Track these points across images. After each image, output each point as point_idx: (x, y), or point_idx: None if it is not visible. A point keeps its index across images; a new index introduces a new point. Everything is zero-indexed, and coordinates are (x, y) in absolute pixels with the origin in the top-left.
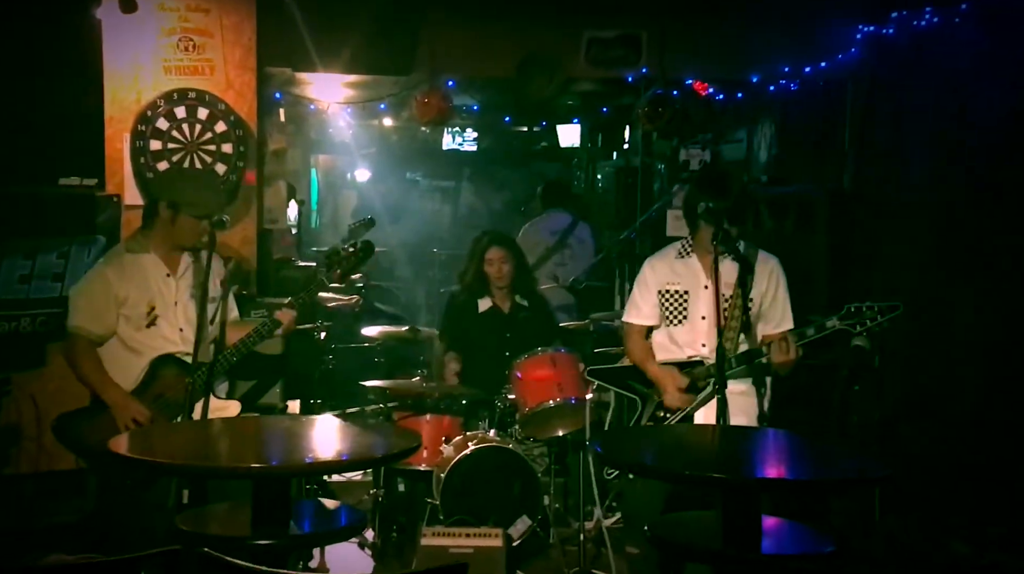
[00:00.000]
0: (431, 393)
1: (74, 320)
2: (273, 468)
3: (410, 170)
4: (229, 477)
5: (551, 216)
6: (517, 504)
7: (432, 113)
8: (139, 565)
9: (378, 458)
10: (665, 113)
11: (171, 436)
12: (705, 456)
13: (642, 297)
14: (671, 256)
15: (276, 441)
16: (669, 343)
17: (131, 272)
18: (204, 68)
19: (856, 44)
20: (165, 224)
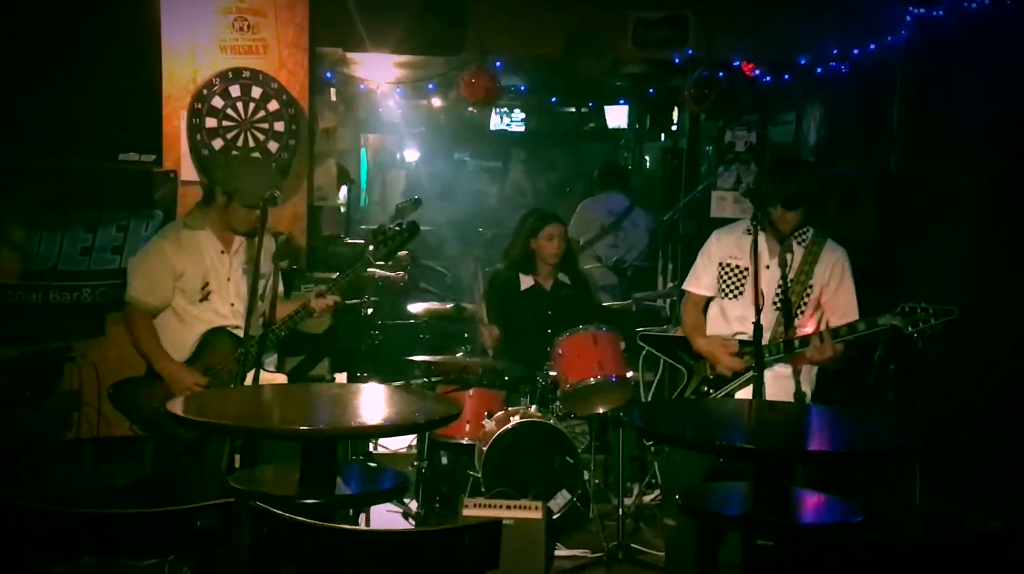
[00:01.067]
0: (474, 368)
1: (132, 291)
2: (321, 430)
3: (458, 150)
4: (279, 437)
5: (609, 196)
6: (557, 478)
7: (480, 93)
8: (196, 515)
9: (421, 424)
10: (711, 95)
11: (224, 400)
12: (737, 427)
13: (703, 267)
14: (739, 231)
15: (324, 406)
16: (720, 317)
17: (188, 247)
18: (258, 47)
19: (906, 26)
20: (220, 208)
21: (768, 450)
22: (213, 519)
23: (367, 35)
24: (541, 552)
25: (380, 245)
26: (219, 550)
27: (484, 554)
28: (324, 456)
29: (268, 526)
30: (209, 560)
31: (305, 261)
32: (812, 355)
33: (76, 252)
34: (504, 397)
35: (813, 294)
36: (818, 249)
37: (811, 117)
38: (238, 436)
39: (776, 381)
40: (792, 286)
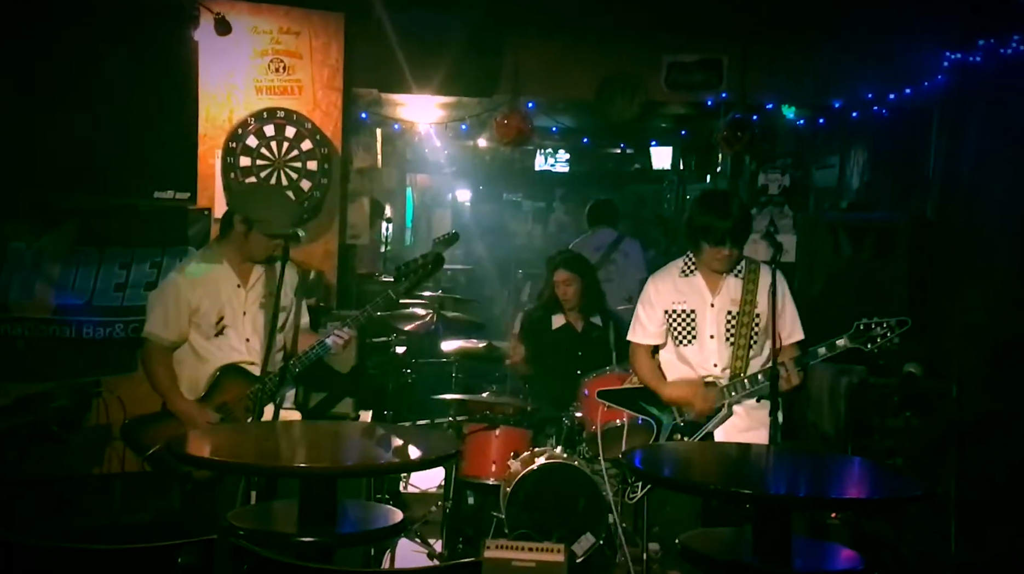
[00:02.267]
0: (502, 408)
1: (149, 326)
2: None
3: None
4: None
5: (596, 234)
6: (581, 521)
7: (512, 134)
8: (177, 552)
9: (415, 463)
10: (744, 137)
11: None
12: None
13: (647, 316)
14: (674, 274)
15: (325, 444)
16: (679, 363)
17: (203, 281)
18: (293, 88)
19: (942, 71)
20: (239, 237)
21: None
22: (195, 556)
23: (402, 76)
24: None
25: (402, 278)
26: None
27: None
28: (323, 494)
29: (248, 564)
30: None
31: (336, 299)
32: (781, 386)
33: (110, 288)
34: (531, 437)
35: (761, 322)
36: (755, 277)
37: (854, 161)
38: (229, 473)
39: (749, 414)
40: (740, 318)
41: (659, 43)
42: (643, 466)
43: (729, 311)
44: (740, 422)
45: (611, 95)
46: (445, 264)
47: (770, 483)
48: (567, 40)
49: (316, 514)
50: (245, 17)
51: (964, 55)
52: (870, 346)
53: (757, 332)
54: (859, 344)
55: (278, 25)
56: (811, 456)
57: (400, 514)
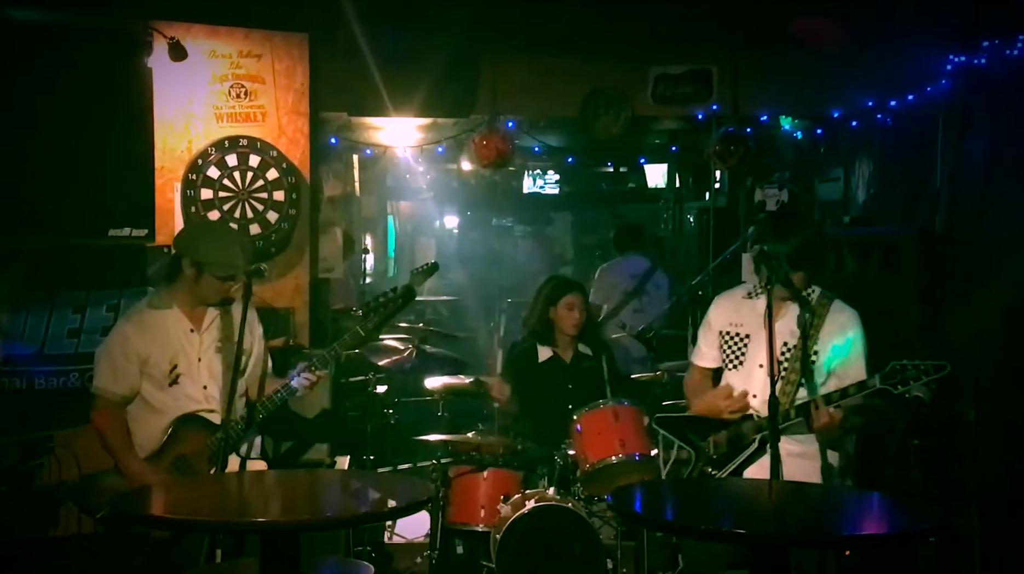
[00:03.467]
0: (489, 448)
1: (96, 381)
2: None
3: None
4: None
5: (628, 260)
6: (578, 568)
7: (491, 155)
8: None
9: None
10: (737, 151)
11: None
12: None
13: (705, 339)
14: (739, 295)
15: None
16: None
17: (153, 329)
18: (256, 114)
19: (946, 75)
20: (189, 281)
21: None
22: None
23: (376, 98)
24: None
25: (371, 313)
26: None
27: None
28: (287, 550)
29: None
30: None
31: (308, 337)
32: (814, 424)
33: (63, 334)
34: (521, 478)
35: (819, 358)
36: (824, 310)
37: (859, 173)
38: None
39: (788, 461)
40: (795, 351)
41: (645, 55)
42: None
43: (786, 342)
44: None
45: (596, 111)
46: (429, 295)
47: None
48: (548, 54)
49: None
50: (202, 41)
51: (968, 57)
52: (901, 388)
53: (812, 370)
54: (890, 385)
55: (237, 48)
56: (815, 491)
57: (371, 570)
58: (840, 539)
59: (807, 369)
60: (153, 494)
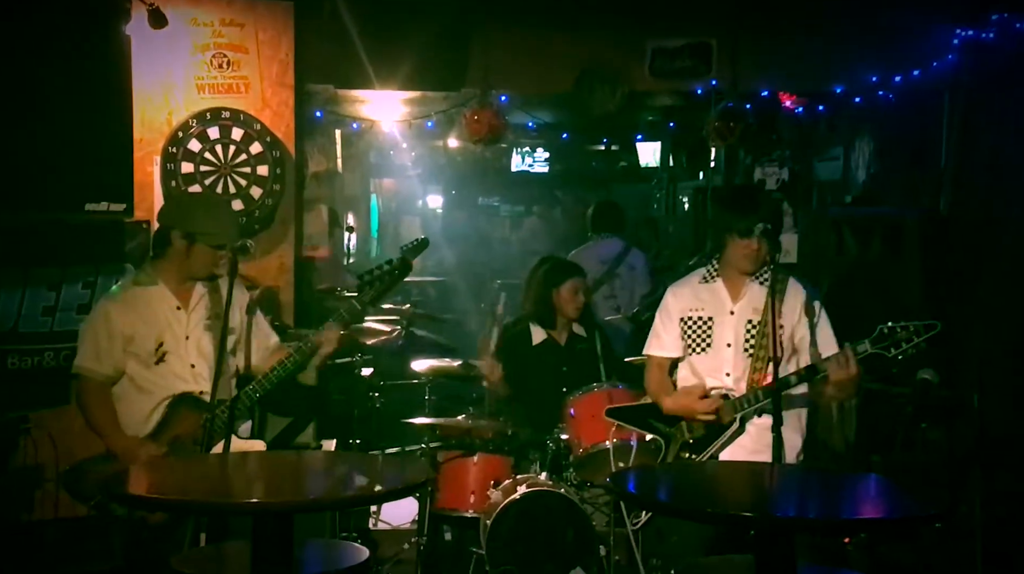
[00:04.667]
0: (479, 432)
1: (79, 360)
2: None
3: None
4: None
5: (600, 244)
6: (570, 555)
7: (483, 131)
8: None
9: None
10: (736, 128)
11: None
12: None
13: (664, 327)
14: (695, 281)
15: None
16: (690, 375)
17: (137, 306)
18: (239, 86)
19: (953, 50)
20: (179, 254)
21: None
22: None
23: (363, 71)
24: None
25: (367, 286)
26: None
27: None
28: (278, 533)
29: None
30: None
31: (293, 317)
32: (834, 375)
33: (38, 312)
34: (512, 463)
35: (785, 334)
36: (782, 286)
37: (860, 152)
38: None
39: (761, 434)
40: (761, 327)
41: (642, 28)
42: (635, 490)
43: (750, 320)
44: (749, 443)
45: (591, 86)
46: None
47: (772, 504)
48: (541, 26)
49: (270, 555)
50: (183, 8)
51: (976, 32)
52: (894, 351)
53: (780, 344)
54: (881, 349)
55: (220, 16)
56: (819, 475)
57: (366, 552)
58: (849, 523)
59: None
60: (145, 476)
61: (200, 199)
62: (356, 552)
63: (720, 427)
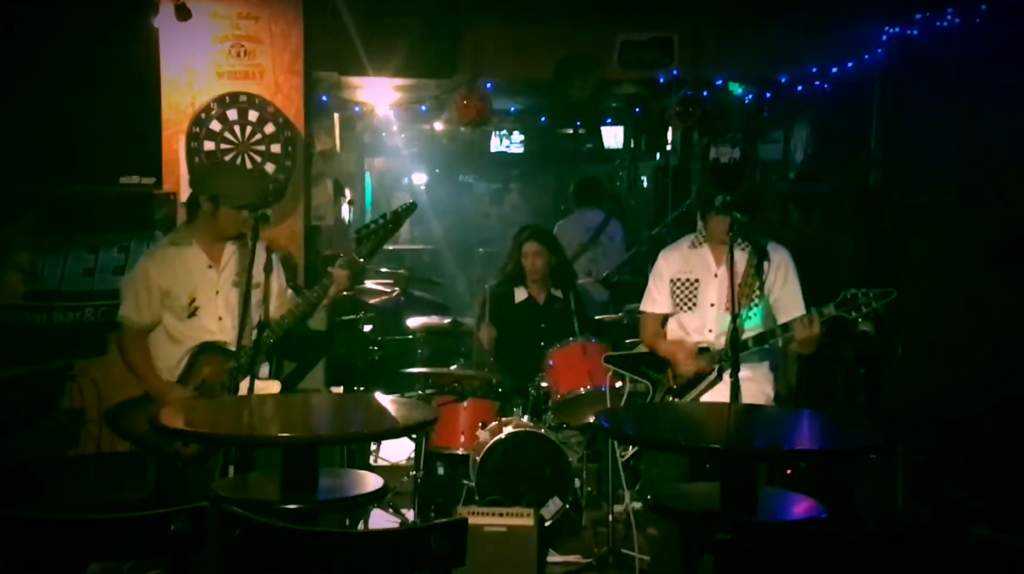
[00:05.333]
0: (469, 380)
1: (122, 311)
2: (298, 437)
3: (459, 172)
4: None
5: (584, 214)
6: (549, 486)
7: (471, 114)
8: (171, 519)
9: (397, 429)
10: (695, 112)
11: (207, 411)
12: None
13: (656, 287)
14: (684, 247)
15: (306, 415)
16: (679, 329)
17: (173, 264)
18: (254, 73)
19: (882, 45)
20: (207, 217)
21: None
22: (186, 523)
23: (361, 59)
24: (533, 558)
25: (364, 240)
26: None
27: (450, 553)
28: (305, 463)
29: (239, 529)
30: (181, 563)
31: (303, 279)
32: (799, 334)
33: (79, 273)
34: (498, 408)
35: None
36: (759, 252)
37: (798, 135)
38: (217, 445)
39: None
40: (742, 290)
41: (613, 23)
42: (612, 425)
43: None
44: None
45: (568, 74)
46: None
47: (736, 438)
48: (524, 21)
49: (298, 482)
50: (205, 3)
51: (902, 29)
52: (854, 314)
53: (756, 304)
54: (843, 312)
55: (237, 11)
56: (777, 413)
57: (381, 480)
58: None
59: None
60: (187, 413)
61: (223, 167)
62: (373, 480)
63: (700, 375)
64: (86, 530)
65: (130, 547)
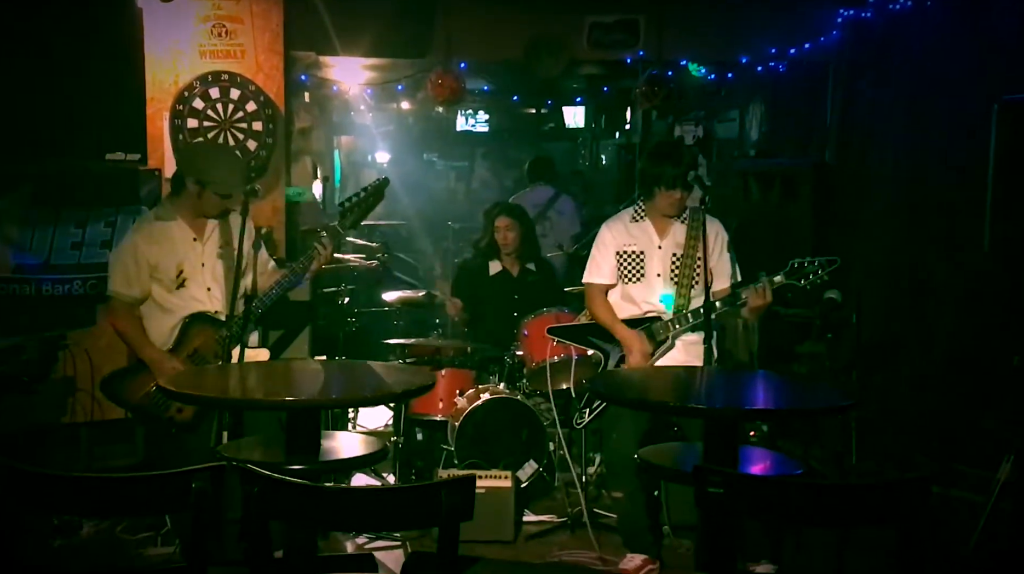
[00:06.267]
0: (446, 350)
1: (112, 285)
2: (305, 401)
3: (426, 151)
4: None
5: (534, 190)
6: (525, 450)
7: (446, 94)
8: (191, 478)
9: (398, 393)
10: (660, 92)
11: (213, 376)
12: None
13: (602, 257)
14: (626, 220)
15: (306, 379)
16: (622, 300)
17: (159, 238)
18: (236, 52)
19: (837, 27)
20: (192, 196)
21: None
22: (206, 481)
23: (338, 39)
24: (511, 518)
25: (348, 212)
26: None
27: (459, 507)
28: (308, 425)
29: (258, 486)
30: (202, 518)
31: (285, 252)
32: (752, 302)
33: (67, 247)
34: (474, 376)
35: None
36: (698, 223)
37: (752, 114)
38: (228, 409)
39: (687, 348)
40: (684, 260)
41: (582, 5)
42: (606, 391)
43: (674, 253)
44: (679, 355)
45: (538, 54)
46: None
47: (718, 399)
48: (496, 3)
49: (302, 445)
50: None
51: (856, 12)
52: (803, 282)
53: (697, 273)
54: (793, 280)
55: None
56: (749, 376)
57: (380, 442)
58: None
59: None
60: (193, 379)
61: (212, 150)
62: (370, 443)
63: (656, 343)
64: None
65: (154, 504)
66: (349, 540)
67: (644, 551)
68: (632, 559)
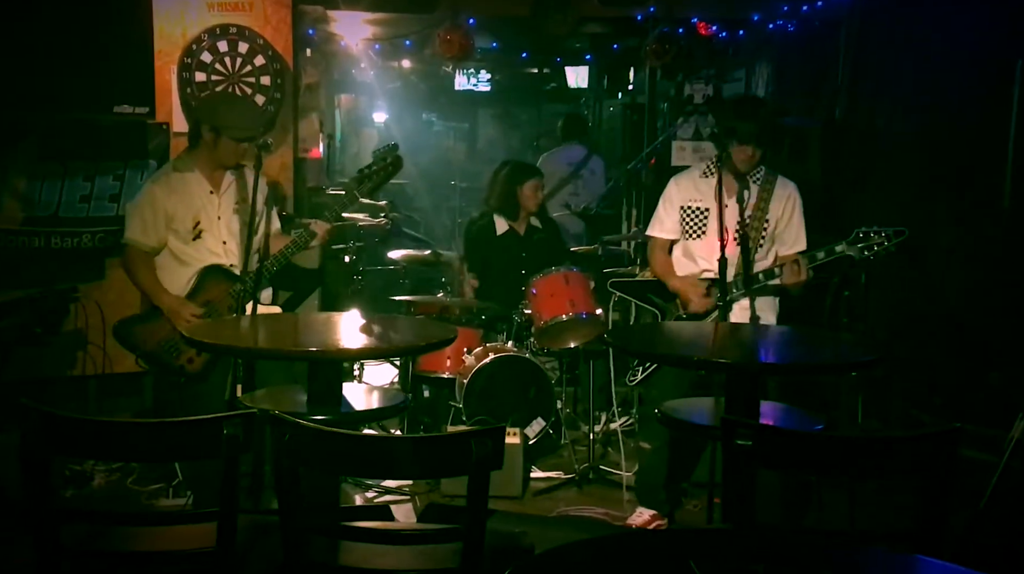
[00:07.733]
0: (454, 308)
1: (128, 233)
2: (329, 351)
3: (427, 110)
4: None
5: (568, 148)
6: (532, 407)
7: (454, 50)
8: (222, 424)
9: (420, 346)
10: (671, 50)
11: (237, 327)
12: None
13: (666, 212)
14: (695, 175)
15: (327, 331)
16: (685, 257)
17: (177, 189)
18: (244, 5)
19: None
20: (208, 146)
21: (741, 363)
22: (237, 428)
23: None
24: (519, 474)
25: (366, 179)
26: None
27: (489, 456)
28: (330, 376)
29: (289, 433)
30: (233, 463)
31: (293, 207)
32: (787, 279)
33: (76, 200)
34: (482, 334)
35: (769, 228)
36: (771, 186)
37: (759, 74)
38: (253, 358)
39: (743, 314)
40: (751, 222)
41: None
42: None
43: (742, 212)
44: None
45: (546, 11)
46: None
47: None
48: None
49: (324, 395)
50: None
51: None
52: (866, 253)
53: (764, 237)
54: (855, 251)
55: None
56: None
57: (402, 394)
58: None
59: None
60: (216, 329)
61: (226, 98)
62: (396, 394)
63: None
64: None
65: (186, 449)
66: (358, 493)
67: (656, 508)
68: (641, 514)
